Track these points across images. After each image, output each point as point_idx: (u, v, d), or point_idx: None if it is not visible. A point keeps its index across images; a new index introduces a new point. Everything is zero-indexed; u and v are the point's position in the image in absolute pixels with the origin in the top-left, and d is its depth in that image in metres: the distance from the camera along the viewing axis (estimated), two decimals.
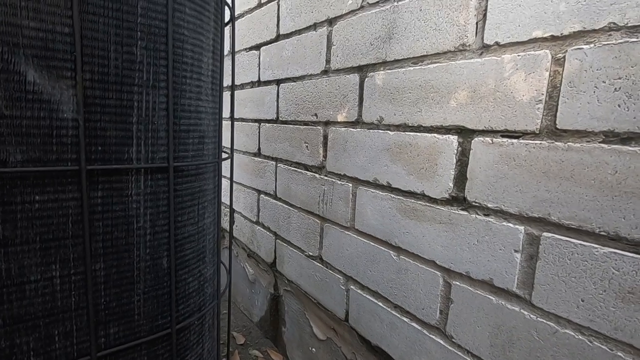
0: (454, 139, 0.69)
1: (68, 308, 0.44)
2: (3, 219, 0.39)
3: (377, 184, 0.88)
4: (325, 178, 1.06)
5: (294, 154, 1.20)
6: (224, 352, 1.27)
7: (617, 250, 0.49)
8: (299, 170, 1.18)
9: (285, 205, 1.27)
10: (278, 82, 1.27)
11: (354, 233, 0.97)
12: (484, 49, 0.64)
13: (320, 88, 1.05)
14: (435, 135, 0.73)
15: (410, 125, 0.78)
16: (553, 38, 0.55)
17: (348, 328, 1.01)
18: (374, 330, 0.92)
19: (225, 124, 1.69)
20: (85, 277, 0.45)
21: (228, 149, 1.67)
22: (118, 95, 0.45)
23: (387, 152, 0.85)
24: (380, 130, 0.86)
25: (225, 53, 1.66)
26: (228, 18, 1.47)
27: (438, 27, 0.71)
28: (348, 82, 0.95)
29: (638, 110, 0.47)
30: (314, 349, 1.17)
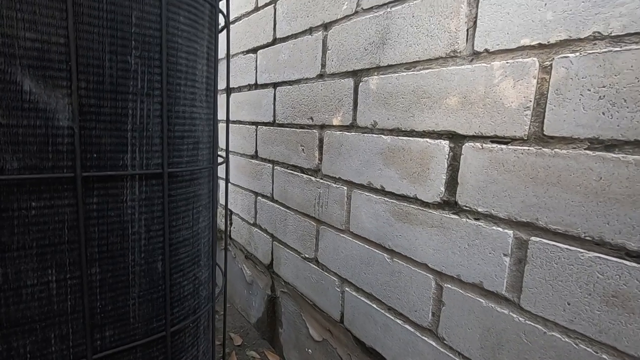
0: (446, 144, 0.71)
1: (64, 312, 0.45)
2: (0, 225, 0.40)
3: (371, 188, 0.89)
4: (321, 181, 1.07)
5: (290, 157, 1.21)
6: (221, 353, 1.28)
7: (601, 255, 0.51)
8: (295, 173, 1.19)
9: (282, 208, 1.28)
10: (275, 85, 1.28)
11: (349, 236, 0.98)
12: (474, 56, 0.65)
13: (316, 92, 1.06)
14: (428, 140, 0.74)
15: (404, 130, 0.79)
16: (540, 46, 0.56)
17: (343, 329, 1.02)
18: (369, 332, 0.93)
19: (223, 127, 1.70)
20: (81, 281, 0.46)
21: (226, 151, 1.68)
22: (113, 104, 0.46)
23: (381, 156, 0.86)
24: (374, 135, 0.87)
25: (222, 56, 1.66)
26: (222, 24, 1.48)
27: (430, 33, 0.73)
28: (343, 86, 0.96)
29: (621, 118, 0.48)
30: (310, 350, 1.18)
